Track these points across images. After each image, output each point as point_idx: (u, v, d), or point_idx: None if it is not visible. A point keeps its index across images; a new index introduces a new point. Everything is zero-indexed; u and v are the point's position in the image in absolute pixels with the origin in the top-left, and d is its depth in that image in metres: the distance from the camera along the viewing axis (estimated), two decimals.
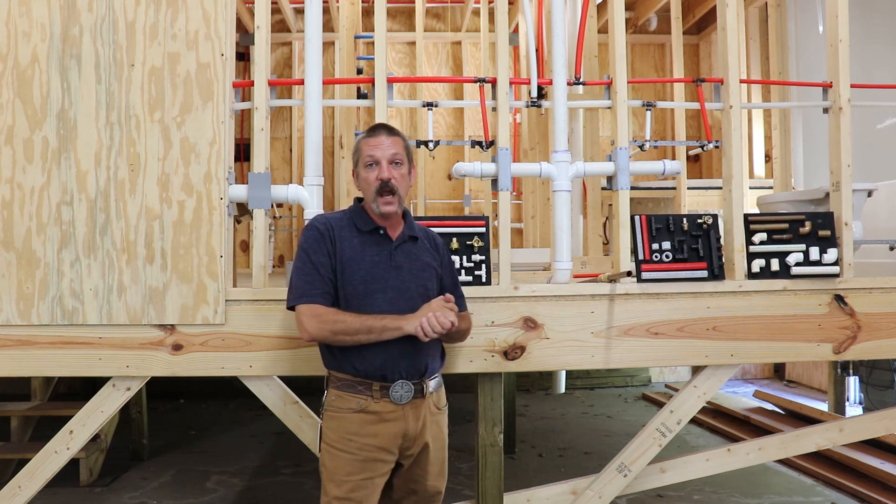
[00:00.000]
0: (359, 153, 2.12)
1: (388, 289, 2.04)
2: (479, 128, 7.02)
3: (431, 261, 2.16)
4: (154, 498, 3.85)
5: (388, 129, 2.12)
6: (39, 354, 2.63)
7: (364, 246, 2.08)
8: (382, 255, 2.08)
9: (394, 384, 2.02)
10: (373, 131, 2.12)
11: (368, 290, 2.03)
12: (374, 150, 2.07)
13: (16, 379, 2.99)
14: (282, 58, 7.27)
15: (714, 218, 2.85)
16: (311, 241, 2.07)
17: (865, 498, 3.66)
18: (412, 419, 2.05)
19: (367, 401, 2.01)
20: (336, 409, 2.05)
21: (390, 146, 2.08)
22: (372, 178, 2.07)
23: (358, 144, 2.14)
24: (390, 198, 2.06)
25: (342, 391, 2.04)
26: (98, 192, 2.64)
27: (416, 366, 2.05)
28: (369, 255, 2.06)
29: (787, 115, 5.17)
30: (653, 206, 6.32)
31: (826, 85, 3.02)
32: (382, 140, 2.08)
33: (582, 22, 3.44)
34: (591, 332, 2.76)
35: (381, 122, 2.25)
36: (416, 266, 2.11)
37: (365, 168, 2.09)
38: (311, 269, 2.03)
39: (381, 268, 2.06)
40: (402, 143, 2.12)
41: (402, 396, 2.02)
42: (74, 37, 2.66)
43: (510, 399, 4.67)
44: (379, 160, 2.07)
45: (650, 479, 2.89)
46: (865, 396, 4.97)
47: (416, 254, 2.13)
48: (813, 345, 2.84)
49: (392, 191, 2.06)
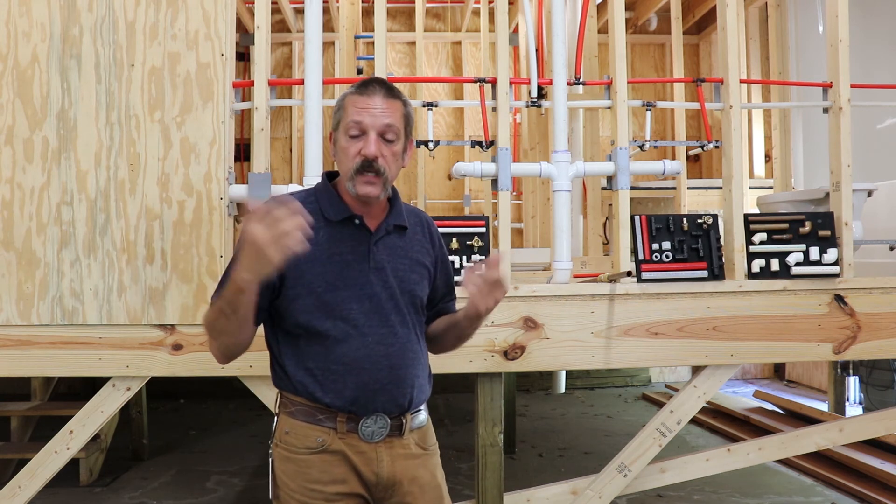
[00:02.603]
0: (342, 112, 1.58)
1: (363, 297, 1.55)
2: (479, 128, 7.02)
3: (424, 257, 1.67)
4: (154, 498, 3.85)
5: (387, 88, 1.58)
6: (39, 354, 2.63)
7: (332, 241, 1.56)
8: (357, 252, 1.57)
9: (365, 418, 1.54)
10: (365, 88, 1.57)
11: (338, 300, 1.53)
12: (363, 114, 1.54)
13: (16, 379, 3.00)
14: (282, 58, 7.27)
15: (714, 218, 2.85)
16: None
17: (865, 498, 3.65)
18: (387, 462, 1.56)
19: (329, 436, 1.53)
20: (289, 447, 1.55)
21: (385, 113, 1.55)
22: (353, 151, 1.54)
23: (343, 101, 1.59)
24: (372, 177, 1.54)
25: (297, 420, 1.55)
26: (98, 192, 2.64)
27: (397, 399, 1.56)
28: (339, 254, 1.56)
29: (787, 115, 5.16)
30: (653, 206, 6.32)
31: (826, 85, 3.03)
32: (376, 103, 1.55)
33: (582, 22, 3.44)
34: (591, 332, 2.76)
35: (377, 77, 1.69)
36: (402, 266, 1.62)
37: (346, 136, 1.55)
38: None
39: (356, 269, 1.56)
40: (400, 110, 1.58)
41: (375, 434, 1.54)
42: (74, 37, 2.66)
43: (510, 399, 4.66)
44: (366, 129, 1.54)
45: (650, 479, 2.89)
46: (865, 396, 4.97)
47: (404, 249, 1.64)
48: (813, 345, 2.84)
49: (378, 171, 1.53)
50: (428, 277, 1.68)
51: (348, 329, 1.54)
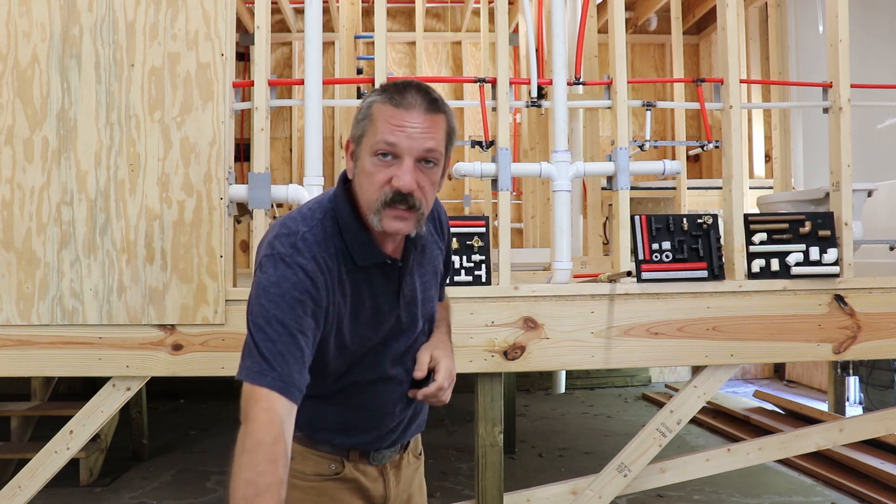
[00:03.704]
0: (368, 123, 1.27)
1: (391, 340, 1.38)
2: (479, 128, 7.01)
3: (437, 262, 1.50)
4: (154, 498, 3.85)
5: (430, 100, 1.25)
6: (39, 354, 2.63)
7: (360, 287, 1.32)
8: (388, 292, 1.36)
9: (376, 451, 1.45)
10: (402, 96, 1.24)
11: (369, 352, 1.36)
12: (398, 134, 1.22)
13: (16, 379, 2.99)
14: (282, 58, 7.27)
15: (714, 218, 2.85)
16: (289, 295, 1.22)
17: (865, 498, 3.65)
18: (393, 481, 1.50)
19: (339, 464, 1.42)
20: (298, 473, 1.38)
21: (426, 135, 1.23)
22: (381, 179, 1.24)
23: (371, 110, 1.27)
24: (404, 211, 1.25)
25: (307, 448, 1.41)
26: (98, 192, 2.64)
27: (405, 435, 1.50)
28: (370, 299, 1.33)
29: (787, 115, 5.16)
30: (653, 206, 6.32)
31: (826, 85, 3.02)
32: (415, 119, 1.23)
33: (582, 22, 3.44)
34: (591, 332, 2.76)
35: (416, 82, 1.29)
36: (426, 286, 1.44)
37: (373, 155, 1.25)
38: (284, 335, 1.22)
39: (385, 311, 1.35)
40: (444, 127, 1.27)
41: (386, 457, 1.47)
42: (74, 37, 2.66)
43: (510, 399, 4.66)
44: (400, 154, 1.23)
45: (650, 479, 2.89)
46: (865, 396, 4.97)
47: (425, 266, 1.44)
48: (813, 345, 2.84)
49: (413, 206, 1.25)
50: (438, 281, 1.52)
51: (377, 379, 1.40)
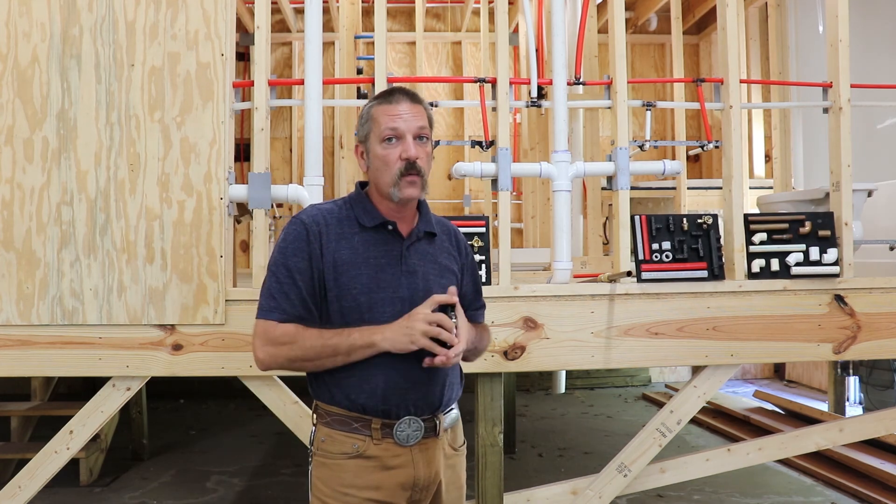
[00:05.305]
0: (373, 123, 1.68)
1: (396, 300, 1.62)
2: (479, 128, 7.02)
3: (451, 263, 1.76)
4: (154, 498, 3.85)
5: (410, 96, 1.70)
6: (39, 354, 2.63)
7: (367, 245, 1.66)
8: (391, 256, 1.66)
9: (399, 422, 1.61)
10: (390, 96, 1.69)
11: (372, 302, 1.62)
12: (396, 120, 1.64)
13: (16, 379, 3.00)
14: (282, 58, 7.27)
15: (714, 218, 2.85)
16: (290, 239, 1.65)
17: (865, 498, 3.66)
18: (422, 465, 1.63)
19: (364, 442, 1.61)
20: (326, 453, 1.64)
21: (415, 117, 1.66)
22: (393, 157, 1.64)
23: (371, 112, 1.69)
24: (416, 178, 1.64)
25: (333, 430, 1.63)
26: (98, 192, 2.64)
27: (428, 398, 1.64)
28: (374, 258, 1.65)
29: (787, 115, 5.16)
30: (653, 206, 6.33)
31: (826, 85, 3.02)
32: (404, 108, 1.66)
33: (582, 22, 3.44)
34: (591, 332, 2.76)
35: (398, 86, 1.79)
36: (433, 270, 1.70)
37: (383, 143, 1.65)
38: (283, 277, 1.62)
39: (389, 273, 1.64)
40: (425, 113, 1.70)
41: (410, 437, 1.62)
42: (74, 37, 2.66)
43: (510, 399, 4.67)
44: (403, 134, 1.64)
45: (650, 479, 2.89)
46: (865, 396, 4.98)
47: (433, 254, 1.73)
48: (813, 345, 2.84)
49: (420, 171, 1.65)
50: (456, 283, 1.74)
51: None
